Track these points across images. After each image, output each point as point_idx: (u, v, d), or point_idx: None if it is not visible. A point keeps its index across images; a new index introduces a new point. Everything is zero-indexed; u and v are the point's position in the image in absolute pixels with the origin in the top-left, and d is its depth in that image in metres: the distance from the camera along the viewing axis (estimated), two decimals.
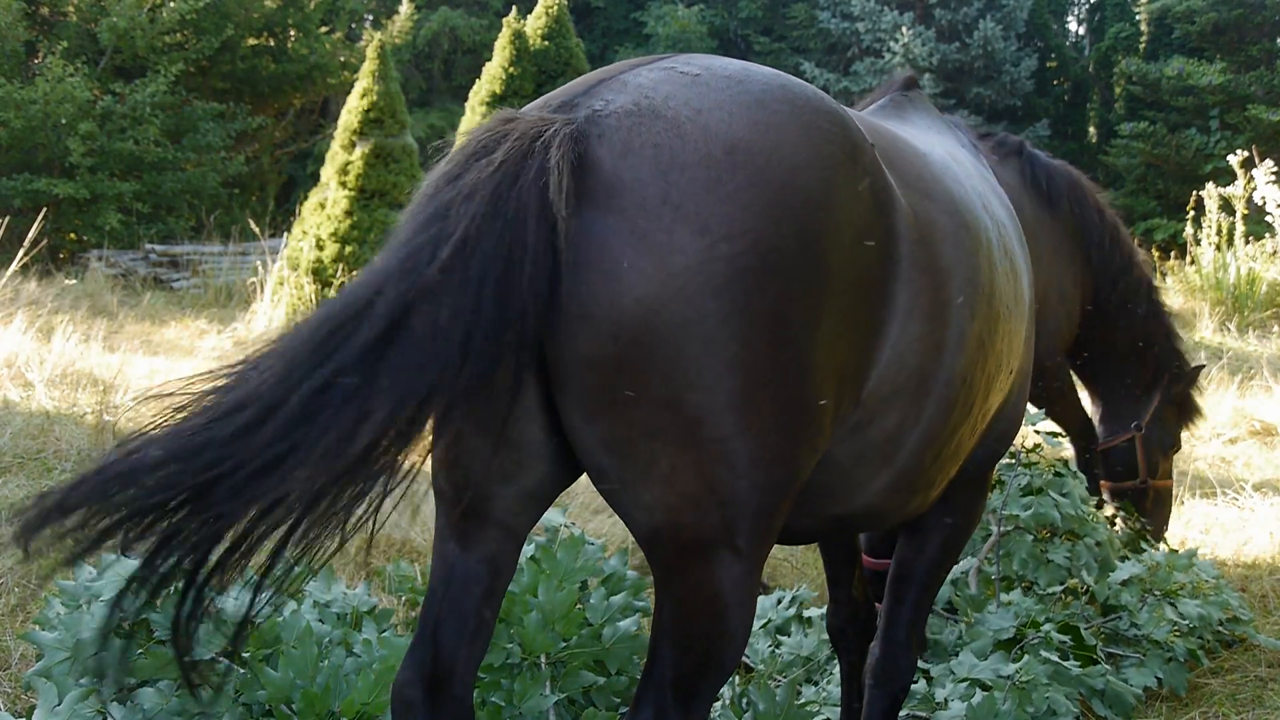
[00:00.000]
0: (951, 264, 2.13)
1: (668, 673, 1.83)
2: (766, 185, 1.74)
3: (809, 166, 1.80)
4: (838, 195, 1.83)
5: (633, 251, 1.68)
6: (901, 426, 2.11)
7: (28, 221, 11.64)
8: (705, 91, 1.81)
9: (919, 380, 2.08)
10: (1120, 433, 4.78)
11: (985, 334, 2.25)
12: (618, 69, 1.91)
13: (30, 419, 6.23)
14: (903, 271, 2.00)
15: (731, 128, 1.77)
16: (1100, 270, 4.62)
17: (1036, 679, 3.00)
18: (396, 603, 3.55)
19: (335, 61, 19.52)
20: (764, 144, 1.77)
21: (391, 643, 2.73)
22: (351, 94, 10.65)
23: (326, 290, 9.93)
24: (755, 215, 1.72)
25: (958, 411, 2.23)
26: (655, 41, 24.59)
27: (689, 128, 1.75)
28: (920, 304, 2.03)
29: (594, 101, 1.79)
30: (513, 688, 2.73)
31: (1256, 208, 11.80)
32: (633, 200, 1.69)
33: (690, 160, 1.72)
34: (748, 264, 1.70)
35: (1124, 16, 25.71)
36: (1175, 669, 3.59)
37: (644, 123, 1.75)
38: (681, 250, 1.68)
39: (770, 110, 1.83)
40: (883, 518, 2.37)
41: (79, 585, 2.79)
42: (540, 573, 2.91)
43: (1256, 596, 4.51)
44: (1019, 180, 4.54)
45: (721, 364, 1.69)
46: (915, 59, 22.35)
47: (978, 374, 2.26)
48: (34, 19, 17.43)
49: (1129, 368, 4.76)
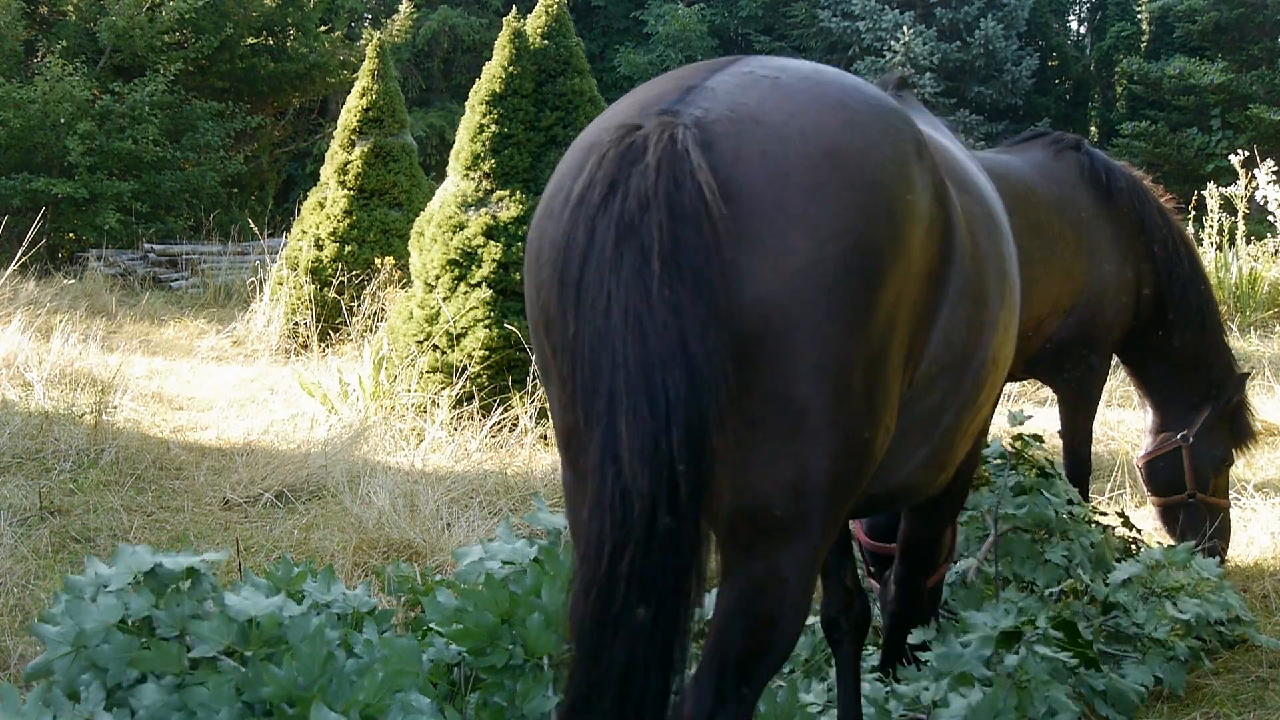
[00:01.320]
0: (987, 251, 2.29)
1: (731, 654, 1.88)
2: (862, 185, 1.86)
3: (893, 164, 1.93)
4: (914, 190, 1.95)
5: (748, 254, 1.76)
6: (943, 404, 2.25)
7: (27, 221, 11.62)
8: (791, 94, 1.91)
9: (962, 359, 2.22)
10: (1167, 443, 4.76)
11: (1008, 316, 2.42)
12: (693, 76, 1.97)
13: (29, 419, 6.22)
14: (956, 258, 2.12)
15: (825, 131, 1.87)
16: (1165, 269, 4.64)
17: (1036, 676, 2.99)
18: (396, 603, 3.54)
19: (334, 60, 19.48)
20: (855, 145, 1.88)
21: (393, 643, 2.72)
22: (351, 93, 10.61)
23: (326, 290, 9.91)
24: (855, 215, 1.83)
25: (987, 389, 2.39)
26: (655, 40, 24.56)
27: (789, 132, 1.84)
28: (967, 289, 2.17)
29: (692, 109, 1.84)
30: (515, 689, 2.72)
31: (1258, 207, 11.80)
32: (746, 205, 1.77)
33: (795, 166, 1.81)
34: (851, 262, 1.81)
35: (1125, 16, 25.71)
36: (1175, 668, 3.57)
37: (746, 129, 1.82)
38: (795, 252, 1.78)
39: (854, 111, 1.95)
40: (913, 494, 2.51)
41: (85, 579, 2.78)
42: (544, 574, 2.91)
43: (1258, 596, 4.50)
44: (1076, 174, 4.61)
45: (828, 358, 1.81)
46: (916, 58, 22.33)
47: (1003, 353, 2.42)
48: (33, 18, 17.41)
49: (1184, 380, 4.75)
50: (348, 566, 4.55)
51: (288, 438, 6.63)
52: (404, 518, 4.91)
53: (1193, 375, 4.74)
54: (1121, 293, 4.60)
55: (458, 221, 7.09)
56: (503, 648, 2.74)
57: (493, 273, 6.90)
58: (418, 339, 6.97)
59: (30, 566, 4.36)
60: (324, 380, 7.49)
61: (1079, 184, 4.58)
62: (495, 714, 2.69)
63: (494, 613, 2.78)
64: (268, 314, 10.40)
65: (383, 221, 10.29)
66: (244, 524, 5.16)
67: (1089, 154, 4.67)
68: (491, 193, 7.16)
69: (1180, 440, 4.72)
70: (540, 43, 7.48)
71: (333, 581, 3.11)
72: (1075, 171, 4.62)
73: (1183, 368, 4.73)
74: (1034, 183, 4.47)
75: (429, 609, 2.92)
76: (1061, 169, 4.61)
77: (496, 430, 6.46)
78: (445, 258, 7.02)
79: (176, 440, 6.51)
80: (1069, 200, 4.53)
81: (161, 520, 5.14)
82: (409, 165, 10.63)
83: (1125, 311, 4.64)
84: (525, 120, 7.31)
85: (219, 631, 2.69)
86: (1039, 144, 4.79)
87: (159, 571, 2.79)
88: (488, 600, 2.80)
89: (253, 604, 2.78)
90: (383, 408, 6.79)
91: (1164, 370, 4.78)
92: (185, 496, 5.49)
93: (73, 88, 15.07)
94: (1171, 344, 4.70)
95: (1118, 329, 4.67)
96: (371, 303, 9.37)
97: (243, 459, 5.99)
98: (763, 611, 1.89)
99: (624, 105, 2.01)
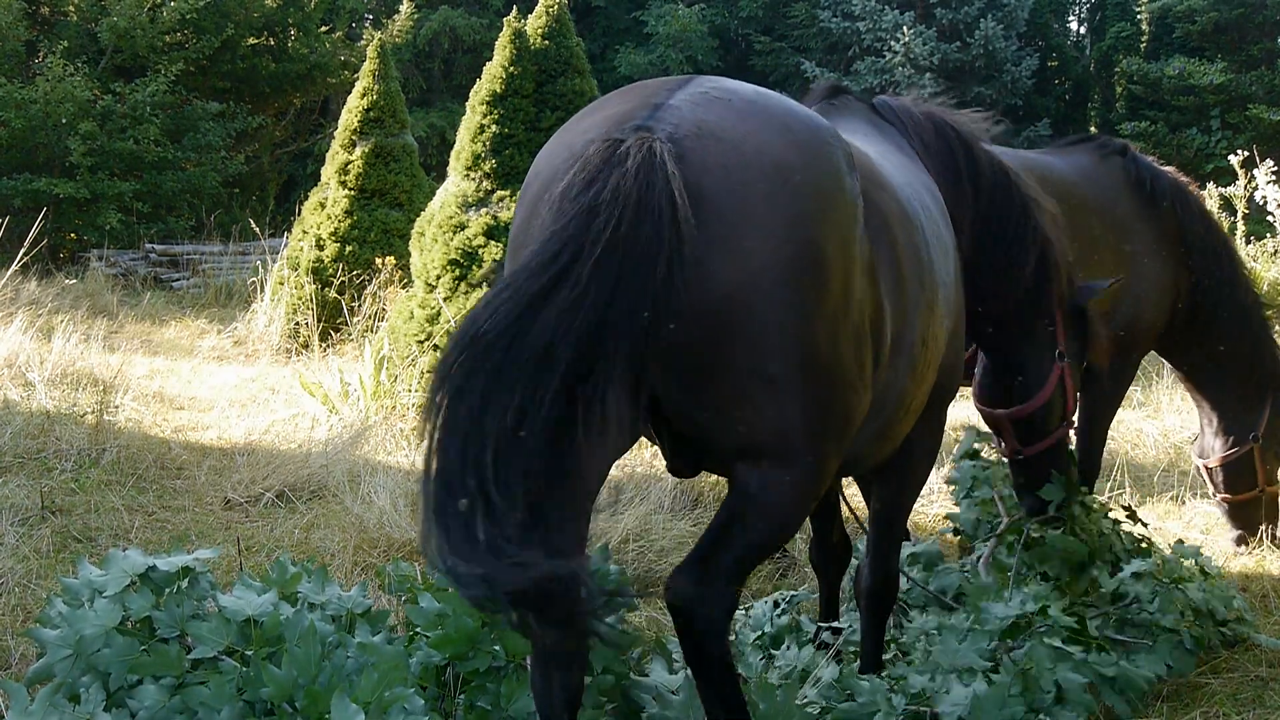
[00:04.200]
0: (903, 242, 2.59)
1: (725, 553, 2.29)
2: (807, 194, 2.18)
3: (830, 176, 2.27)
4: (846, 195, 2.30)
5: (716, 254, 2.07)
6: (888, 384, 2.56)
7: (28, 221, 11.63)
8: (743, 115, 2.22)
9: (896, 342, 2.53)
10: (1239, 445, 4.93)
11: (931, 300, 2.73)
12: (656, 93, 2.26)
13: (30, 419, 6.23)
14: (885, 251, 2.46)
15: (773, 147, 2.19)
16: (1203, 273, 4.76)
17: (1041, 664, 3.00)
18: (396, 602, 3.55)
19: (335, 61, 19.49)
20: (799, 160, 2.20)
21: (380, 649, 2.72)
22: (351, 93, 10.61)
23: (327, 290, 9.91)
24: (802, 219, 2.16)
25: (920, 368, 2.70)
26: (656, 41, 24.56)
27: (745, 149, 2.15)
28: (889, 276, 2.48)
29: (664, 126, 2.14)
30: (499, 690, 2.73)
31: (1258, 207, 11.79)
32: (712, 210, 2.07)
33: (751, 177, 2.13)
34: (802, 258, 2.14)
35: (1125, 16, 25.68)
36: (1185, 655, 3.60)
37: (710, 145, 2.13)
38: (755, 252, 2.10)
39: (795, 131, 2.26)
40: (861, 464, 2.86)
41: (81, 582, 2.78)
42: None
43: (1257, 596, 4.51)
44: (1121, 178, 4.74)
45: (789, 339, 2.15)
46: (916, 58, 22.34)
47: (931, 333, 2.74)
48: (34, 19, 17.42)
49: (1235, 380, 4.89)
50: (348, 566, 4.56)
51: (289, 437, 6.63)
52: (405, 517, 4.91)
53: (1245, 375, 4.88)
54: (1162, 296, 4.71)
55: (458, 221, 7.10)
56: (484, 651, 2.76)
57: (493, 273, 6.90)
58: (418, 339, 6.98)
59: (32, 566, 4.37)
60: (325, 380, 7.50)
61: (1122, 188, 4.70)
62: (481, 716, 2.70)
63: (474, 617, 2.79)
64: (269, 314, 10.41)
65: (383, 221, 10.30)
66: (245, 524, 5.16)
67: (1134, 159, 4.78)
68: (492, 193, 7.17)
69: (1252, 440, 4.89)
70: (541, 43, 7.49)
71: (327, 582, 3.11)
72: (1119, 176, 4.73)
73: (1232, 368, 4.87)
74: (1075, 185, 4.59)
75: (412, 615, 2.93)
76: (1105, 173, 4.73)
77: None
78: (446, 258, 7.03)
79: (178, 440, 6.52)
80: (1111, 204, 4.66)
81: (163, 520, 5.14)
82: (410, 165, 10.63)
83: (1164, 314, 4.76)
84: (526, 120, 7.32)
85: (218, 632, 2.70)
86: (1084, 148, 4.92)
87: (154, 573, 2.80)
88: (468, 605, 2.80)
89: (247, 603, 2.79)
90: (383, 407, 6.80)
91: (1214, 371, 4.92)
92: (186, 496, 5.50)
93: (74, 88, 15.08)
94: (1217, 345, 4.83)
95: (1155, 332, 4.78)
96: (372, 303, 9.37)
97: (244, 459, 6.00)
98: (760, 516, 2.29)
99: (595, 120, 2.28)
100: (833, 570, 3.63)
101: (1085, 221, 4.50)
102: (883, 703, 2.90)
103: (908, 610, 3.81)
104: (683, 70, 24.17)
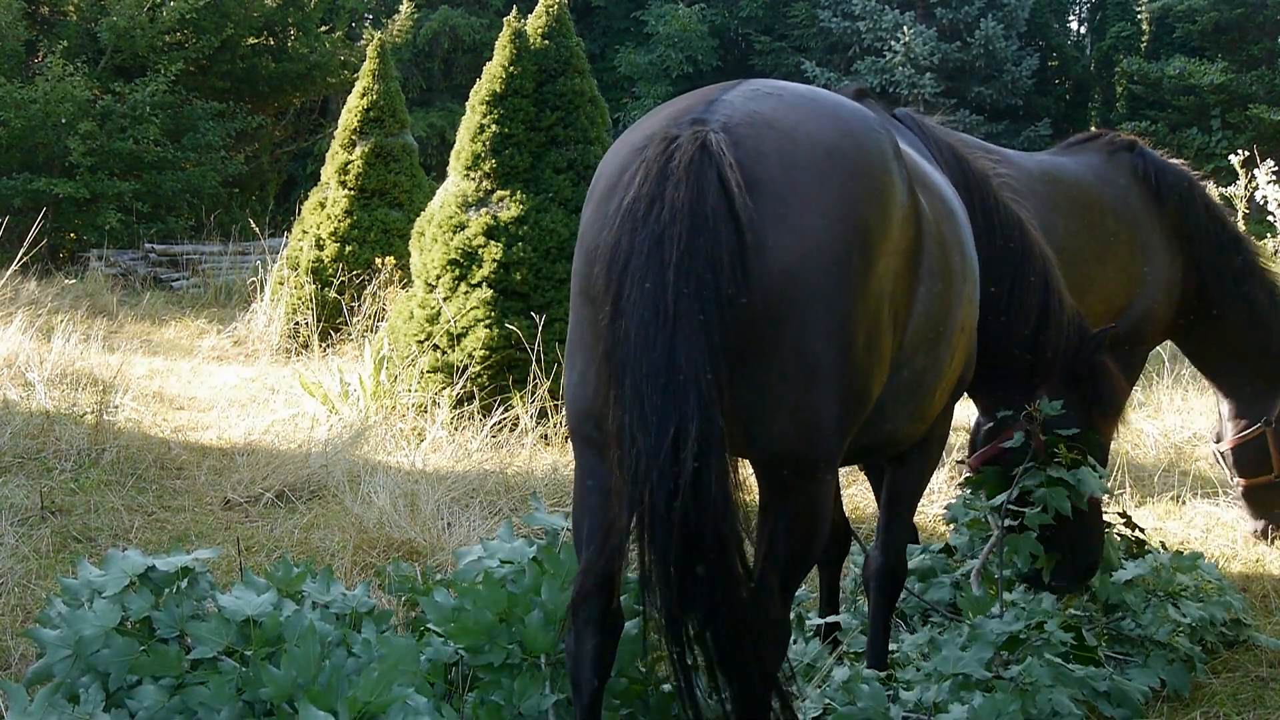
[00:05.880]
0: (949, 235, 2.71)
1: (778, 562, 2.39)
2: (858, 177, 2.32)
3: (879, 161, 2.40)
4: (895, 182, 2.42)
5: (775, 233, 2.20)
6: (925, 367, 2.69)
7: (28, 221, 11.62)
8: (793, 106, 2.37)
9: (938, 329, 2.66)
10: (1250, 428, 5.00)
11: (970, 292, 2.89)
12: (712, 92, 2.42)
13: (30, 419, 6.22)
14: (926, 240, 2.56)
15: (824, 134, 2.32)
16: (1211, 266, 4.84)
17: (1039, 680, 2.99)
18: (396, 603, 3.55)
19: (335, 61, 19.47)
20: (849, 145, 2.34)
21: (390, 642, 2.72)
22: (351, 93, 10.60)
23: (326, 290, 9.91)
24: (854, 200, 2.28)
25: (958, 354, 2.86)
26: (656, 41, 24.55)
27: (797, 135, 2.28)
28: (936, 267, 2.60)
29: (718, 117, 2.28)
30: (513, 687, 2.73)
31: (1258, 207, 11.78)
32: (768, 192, 2.21)
33: (804, 161, 2.26)
34: (853, 239, 2.27)
35: (1125, 16, 25.68)
36: (1178, 670, 3.57)
37: (764, 132, 2.27)
38: (812, 230, 2.22)
39: (844, 119, 2.41)
40: (897, 444, 2.96)
41: (81, 583, 2.78)
42: (542, 573, 2.91)
43: (1257, 597, 4.51)
44: (1129, 174, 4.83)
45: (838, 319, 2.25)
46: (916, 58, 22.34)
47: (968, 322, 2.90)
48: (34, 18, 17.40)
49: (1250, 366, 4.97)
50: (348, 566, 4.55)
51: (288, 437, 6.63)
52: (404, 517, 4.91)
53: (1258, 361, 4.95)
54: (1172, 289, 4.81)
55: (458, 221, 7.09)
56: (500, 646, 2.75)
57: (493, 272, 6.90)
58: (418, 339, 6.97)
59: (31, 566, 4.37)
60: (325, 380, 7.50)
61: (1131, 184, 4.78)
62: (493, 712, 2.70)
63: (492, 611, 2.79)
64: (268, 314, 10.40)
65: (383, 221, 10.29)
66: (245, 524, 5.16)
67: (1142, 155, 4.86)
68: (492, 193, 7.17)
69: (1264, 424, 4.97)
70: (541, 43, 7.48)
71: (331, 582, 3.11)
72: (1128, 172, 4.81)
73: (1248, 355, 4.95)
74: (1088, 185, 4.69)
75: (427, 608, 2.92)
76: (1114, 170, 4.81)
77: (497, 430, 6.47)
78: (446, 257, 7.02)
79: (177, 440, 6.52)
80: (1122, 200, 4.74)
81: (162, 520, 5.14)
82: (409, 165, 10.62)
83: (1173, 307, 4.84)
84: (526, 120, 7.31)
85: (217, 632, 2.69)
86: (1094, 146, 5.00)
87: (153, 574, 2.80)
88: (486, 599, 2.81)
89: (246, 603, 2.78)
90: (383, 407, 6.79)
91: (1230, 360, 5.00)
92: (186, 496, 5.50)
93: (74, 88, 15.07)
94: (1232, 333, 4.90)
95: (1164, 325, 4.88)
96: (372, 303, 9.37)
97: (243, 459, 6.00)
98: (804, 528, 2.41)
99: (660, 117, 2.43)
100: (833, 557, 3.67)
101: (1100, 220, 4.62)
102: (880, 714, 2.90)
103: (908, 618, 3.81)
104: (682, 70, 24.19)
